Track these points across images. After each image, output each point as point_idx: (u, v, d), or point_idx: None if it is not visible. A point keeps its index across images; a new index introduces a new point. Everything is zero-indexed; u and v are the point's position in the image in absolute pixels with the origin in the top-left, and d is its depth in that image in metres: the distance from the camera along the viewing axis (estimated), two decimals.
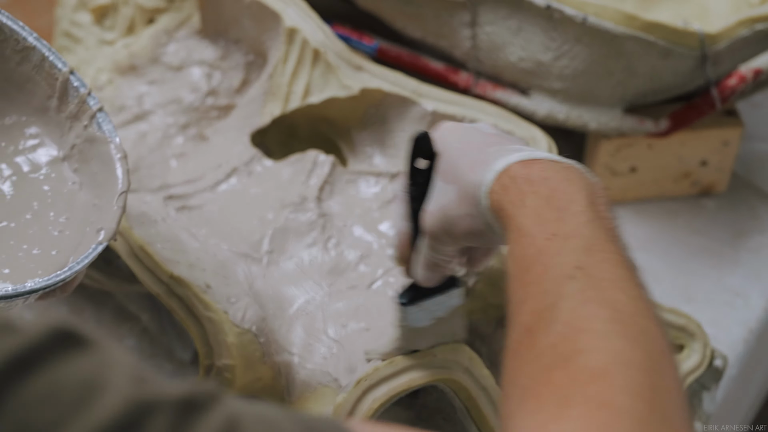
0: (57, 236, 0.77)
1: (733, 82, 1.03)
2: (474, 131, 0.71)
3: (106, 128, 0.78)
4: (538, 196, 0.60)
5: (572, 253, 0.56)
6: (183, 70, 1.05)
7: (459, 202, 0.67)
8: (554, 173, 0.62)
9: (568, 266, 0.55)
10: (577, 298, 0.53)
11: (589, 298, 0.53)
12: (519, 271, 0.58)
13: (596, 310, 0.52)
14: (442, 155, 0.70)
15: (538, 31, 1.01)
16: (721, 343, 1.01)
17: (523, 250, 0.58)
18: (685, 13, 1.09)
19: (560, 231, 0.58)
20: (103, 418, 0.39)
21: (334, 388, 0.80)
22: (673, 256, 1.09)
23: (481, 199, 0.65)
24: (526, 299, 0.55)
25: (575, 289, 0.54)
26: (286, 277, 0.87)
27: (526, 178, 0.62)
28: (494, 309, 0.90)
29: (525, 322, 0.54)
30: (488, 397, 0.80)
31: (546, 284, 0.55)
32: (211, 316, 0.80)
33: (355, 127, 0.99)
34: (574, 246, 0.56)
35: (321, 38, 0.96)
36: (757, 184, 1.16)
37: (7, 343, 0.40)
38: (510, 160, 0.64)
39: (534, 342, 0.52)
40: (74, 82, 0.79)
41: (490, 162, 0.65)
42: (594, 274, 0.55)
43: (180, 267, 0.83)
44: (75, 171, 0.80)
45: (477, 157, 0.67)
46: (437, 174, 0.70)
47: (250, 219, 0.91)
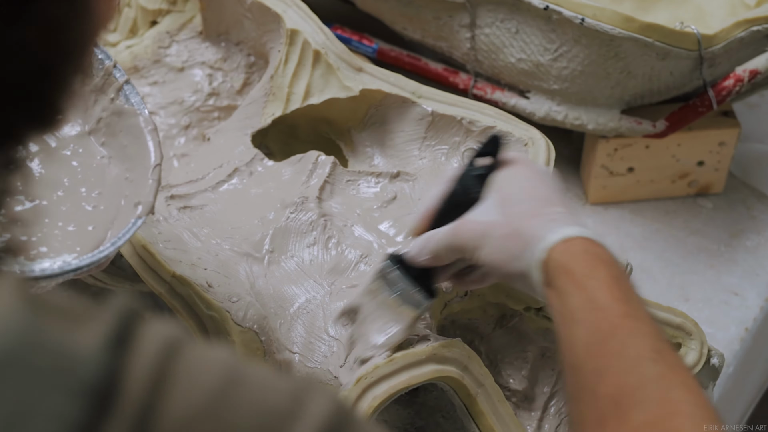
0: (91, 211, 0.75)
1: (729, 84, 1.03)
2: (543, 180, 0.74)
3: (134, 100, 0.77)
4: (608, 273, 0.66)
5: (647, 337, 0.62)
6: (185, 71, 1.05)
7: (505, 236, 0.71)
8: (612, 257, 0.68)
9: (647, 348, 0.61)
10: (663, 381, 0.60)
11: (674, 383, 0.60)
12: (594, 339, 0.63)
13: (683, 394, 0.59)
14: (506, 181, 0.74)
15: (536, 32, 1.02)
16: (718, 341, 1.02)
17: (600, 322, 0.64)
18: (682, 15, 1.10)
19: (631, 312, 0.64)
20: None
21: (335, 386, 0.81)
22: (671, 255, 1.10)
23: (537, 251, 0.68)
24: (606, 371, 0.61)
25: (658, 372, 0.60)
26: (287, 276, 0.88)
27: (593, 254, 0.67)
28: (493, 308, 0.91)
29: (611, 394, 0.60)
30: (487, 395, 0.80)
31: (627, 362, 0.61)
32: (212, 314, 0.81)
33: (355, 128, 0.99)
34: (646, 330, 0.63)
35: (322, 40, 0.97)
36: (753, 185, 1.16)
37: (312, 414, 0.42)
38: (574, 232, 0.68)
39: (627, 417, 0.58)
40: (99, 54, 0.77)
41: (553, 223, 0.69)
42: (669, 359, 0.61)
43: (182, 266, 0.83)
44: (102, 145, 0.78)
45: (540, 209, 0.71)
46: (491, 196, 0.73)
47: (252, 219, 0.91)
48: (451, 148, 0.94)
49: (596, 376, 0.62)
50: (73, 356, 0.39)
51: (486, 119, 0.93)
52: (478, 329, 0.91)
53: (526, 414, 0.88)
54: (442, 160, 0.94)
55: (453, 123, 0.94)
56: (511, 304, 0.89)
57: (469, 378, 0.79)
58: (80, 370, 0.39)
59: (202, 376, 0.41)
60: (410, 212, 0.92)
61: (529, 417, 0.87)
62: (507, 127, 0.92)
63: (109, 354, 0.40)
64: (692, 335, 0.86)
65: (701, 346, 0.86)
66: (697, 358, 0.86)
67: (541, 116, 1.06)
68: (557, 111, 1.06)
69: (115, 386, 0.40)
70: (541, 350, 0.89)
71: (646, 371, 0.60)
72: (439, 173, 0.94)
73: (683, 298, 1.06)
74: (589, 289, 0.65)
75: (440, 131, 0.95)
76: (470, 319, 0.91)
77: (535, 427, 0.87)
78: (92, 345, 0.40)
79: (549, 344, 0.89)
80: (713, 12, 1.10)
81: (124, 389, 0.40)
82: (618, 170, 1.11)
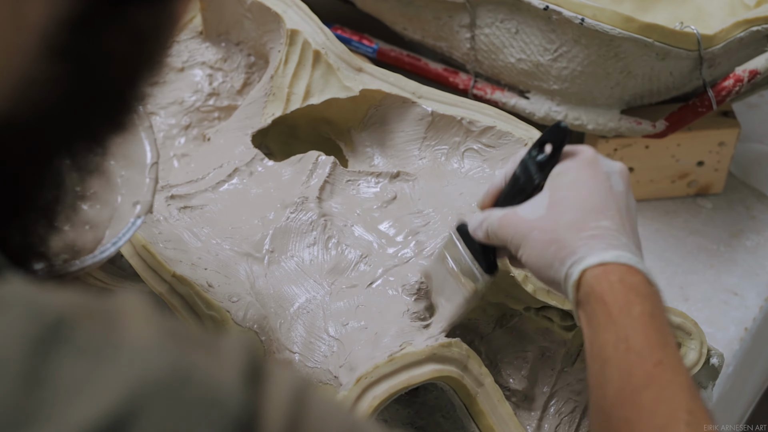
0: (86, 210, 0.76)
1: (729, 84, 1.03)
2: (606, 186, 0.71)
3: None
4: (642, 310, 0.64)
5: (681, 392, 0.61)
6: (185, 71, 1.05)
7: (545, 244, 0.69)
8: (652, 292, 0.66)
9: (681, 408, 0.60)
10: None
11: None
12: (625, 386, 0.62)
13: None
14: (567, 179, 0.71)
15: (536, 32, 1.02)
16: (717, 341, 1.02)
17: (631, 367, 0.62)
18: (681, 15, 1.10)
19: (665, 360, 0.62)
20: None
21: (335, 386, 0.81)
22: (671, 255, 1.10)
23: (571, 270, 0.67)
24: (637, 426, 0.60)
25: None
26: (287, 276, 0.88)
27: (631, 287, 0.65)
28: (493, 308, 0.91)
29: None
30: (487, 395, 0.80)
31: (659, 420, 0.60)
32: (213, 314, 0.81)
33: (355, 128, 0.99)
34: (680, 383, 0.61)
35: (322, 40, 0.97)
36: (753, 185, 1.16)
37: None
38: (613, 257, 0.66)
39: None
40: None
41: (597, 240, 0.67)
42: (701, 421, 0.60)
43: (182, 266, 0.83)
44: None
45: (587, 221, 0.68)
46: (548, 191, 0.71)
47: (252, 219, 0.91)
48: (451, 148, 0.94)
49: (626, 428, 0.61)
50: (218, 389, 0.39)
51: (486, 119, 0.93)
52: (478, 329, 0.91)
53: (526, 414, 0.88)
54: (442, 160, 0.95)
55: (453, 123, 0.94)
56: (511, 304, 0.89)
57: (468, 378, 0.79)
58: (226, 404, 0.39)
59: (330, 422, 0.42)
60: (410, 212, 0.92)
61: (528, 417, 0.87)
62: (507, 127, 0.92)
63: (248, 390, 0.40)
64: (692, 335, 0.86)
65: (701, 346, 0.86)
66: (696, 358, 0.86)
67: (541, 116, 1.07)
68: (557, 111, 1.06)
69: (256, 422, 0.39)
70: (540, 350, 0.89)
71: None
72: (439, 173, 0.94)
73: (683, 298, 1.06)
74: (622, 328, 0.64)
75: (440, 131, 0.95)
76: (470, 319, 0.91)
77: (535, 427, 0.87)
78: (232, 380, 0.40)
79: (549, 344, 0.89)
80: (713, 12, 1.10)
81: (263, 427, 0.40)
82: None
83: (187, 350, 0.40)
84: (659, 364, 0.62)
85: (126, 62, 0.47)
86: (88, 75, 0.45)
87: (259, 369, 0.41)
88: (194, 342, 0.41)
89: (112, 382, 0.37)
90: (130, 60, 0.47)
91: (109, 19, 0.44)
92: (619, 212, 0.70)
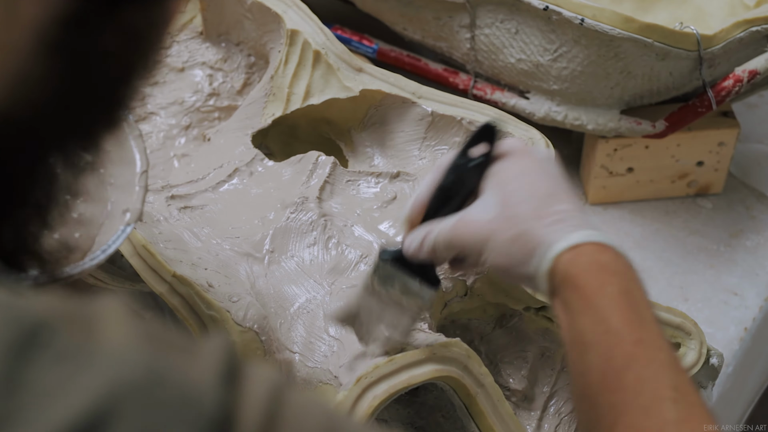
0: (75, 219, 0.76)
1: (728, 84, 1.03)
2: (545, 171, 0.70)
3: None
4: (617, 288, 0.63)
5: (664, 369, 0.59)
6: (185, 71, 1.06)
7: (511, 240, 0.67)
8: (624, 266, 0.64)
9: (665, 386, 0.58)
10: (682, 428, 0.57)
11: (695, 429, 0.57)
12: (607, 369, 0.60)
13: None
14: (506, 174, 0.70)
15: (536, 33, 1.02)
16: (717, 341, 1.02)
17: (612, 349, 0.61)
18: (681, 16, 1.10)
19: (645, 338, 0.61)
20: None
21: (335, 386, 0.81)
22: (670, 255, 1.10)
23: (542, 261, 0.65)
24: (624, 409, 0.58)
25: (678, 416, 0.57)
26: (288, 276, 0.88)
27: (603, 265, 0.64)
28: (493, 308, 0.91)
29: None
30: (487, 395, 0.80)
31: (645, 399, 0.58)
32: (213, 314, 0.81)
33: (355, 128, 0.99)
34: (662, 360, 0.60)
35: (322, 40, 0.97)
36: (752, 185, 1.16)
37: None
38: (580, 238, 0.65)
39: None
40: None
41: (558, 226, 0.66)
42: (688, 398, 0.58)
43: (182, 266, 0.83)
44: None
45: (545, 207, 0.67)
46: (491, 191, 0.70)
47: (252, 219, 0.92)
48: (451, 149, 0.94)
49: (612, 413, 0.59)
50: (193, 389, 0.40)
51: (486, 119, 0.93)
52: (478, 329, 0.91)
53: (526, 414, 0.88)
54: None
55: (453, 123, 0.94)
56: (511, 304, 0.89)
57: (468, 378, 0.79)
58: (201, 404, 0.39)
59: (307, 421, 0.42)
60: None
61: (528, 417, 0.88)
62: (507, 127, 0.92)
63: (224, 389, 0.40)
64: (692, 335, 0.86)
65: (700, 346, 0.86)
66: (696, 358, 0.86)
67: (540, 116, 1.07)
68: (557, 111, 1.06)
69: (231, 422, 0.40)
70: (540, 350, 0.89)
71: (666, 414, 0.57)
72: None
73: (683, 298, 1.06)
74: (599, 309, 0.62)
75: (440, 131, 0.95)
76: (470, 319, 0.91)
77: (535, 427, 0.87)
78: (208, 380, 0.40)
79: (549, 344, 0.89)
80: (713, 12, 1.10)
81: (238, 427, 0.40)
82: (618, 170, 1.11)
83: (163, 352, 0.40)
84: (639, 343, 0.60)
85: (120, 60, 0.47)
86: (83, 73, 0.45)
87: (236, 369, 0.41)
88: (171, 344, 0.41)
89: (88, 384, 0.38)
90: (125, 58, 0.47)
91: (104, 17, 0.45)
92: (568, 193, 0.69)
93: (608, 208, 1.14)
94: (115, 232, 0.73)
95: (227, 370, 0.41)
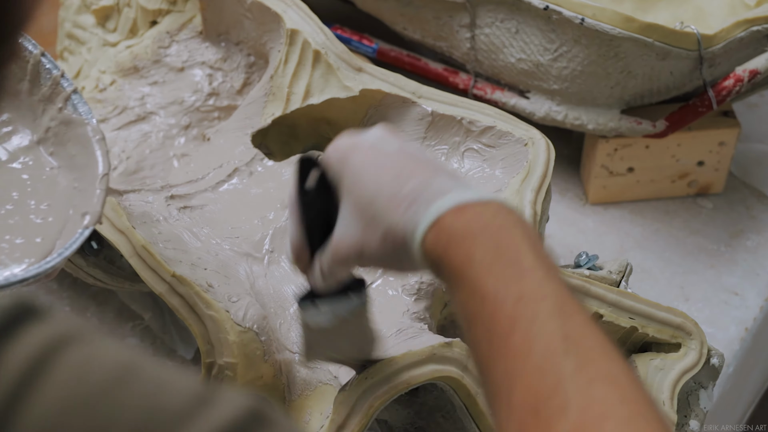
0: (40, 223, 0.76)
1: (729, 84, 1.03)
2: (382, 155, 0.65)
3: (82, 110, 0.78)
4: (484, 250, 0.58)
5: (551, 320, 0.54)
6: (185, 71, 1.05)
7: (381, 242, 0.63)
8: (491, 219, 0.59)
9: (555, 337, 0.54)
10: (580, 378, 0.52)
11: (592, 378, 0.52)
12: (493, 337, 0.56)
13: (605, 391, 0.51)
14: (347, 182, 0.66)
15: (536, 32, 1.02)
16: (717, 341, 1.02)
17: (492, 315, 0.56)
18: (682, 15, 1.10)
19: (525, 292, 0.56)
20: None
21: (334, 386, 0.81)
22: (671, 255, 1.10)
23: (412, 248, 0.62)
24: (516, 374, 0.54)
25: (574, 366, 0.53)
26: (287, 276, 0.88)
27: (465, 231, 0.59)
28: None
29: (527, 402, 0.52)
30: None
31: (536, 359, 0.53)
32: (212, 314, 0.81)
33: (355, 128, 0.99)
34: (548, 310, 0.55)
35: (322, 40, 0.97)
36: (753, 185, 1.16)
37: (211, 417, 0.41)
38: (437, 211, 0.60)
39: (549, 428, 0.51)
40: (46, 64, 0.78)
41: (414, 205, 0.61)
42: (582, 343, 0.54)
43: (182, 266, 0.83)
44: (51, 154, 0.79)
45: (396, 193, 0.63)
46: (344, 203, 0.66)
47: (252, 219, 0.92)
48: (451, 148, 0.94)
49: (507, 381, 0.54)
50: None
51: (486, 119, 0.93)
52: None
53: None
54: (442, 160, 0.95)
55: (453, 123, 0.94)
56: None
57: (469, 378, 0.79)
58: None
59: (87, 372, 0.41)
60: None
61: None
62: (507, 127, 0.92)
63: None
64: (692, 335, 0.86)
65: (701, 346, 0.86)
66: (697, 358, 0.86)
67: (541, 116, 1.07)
68: (557, 111, 1.06)
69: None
70: None
71: (561, 368, 0.52)
72: None
73: (683, 298, 1.06)
74: (471, 280, 0.57)
75: (440, 131, 0.95)
76: None
77: None
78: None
79: None
80: (713, 12, 1.10)
81: None
82: (618, 170, 1.11)
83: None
84: (519, 300, 0.55)
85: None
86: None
87: (12, 323, 0.41)
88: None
89: None
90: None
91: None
92: (415, 161, 0.64)
93: (608, 208, 1.14)
94: (74, 235, 0.73)
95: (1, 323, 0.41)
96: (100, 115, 1.03)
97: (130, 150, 1.01)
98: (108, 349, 0.43)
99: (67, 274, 0.95)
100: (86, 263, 0.89)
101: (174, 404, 0.41)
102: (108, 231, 0.83)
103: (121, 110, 1.03)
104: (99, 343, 0.42)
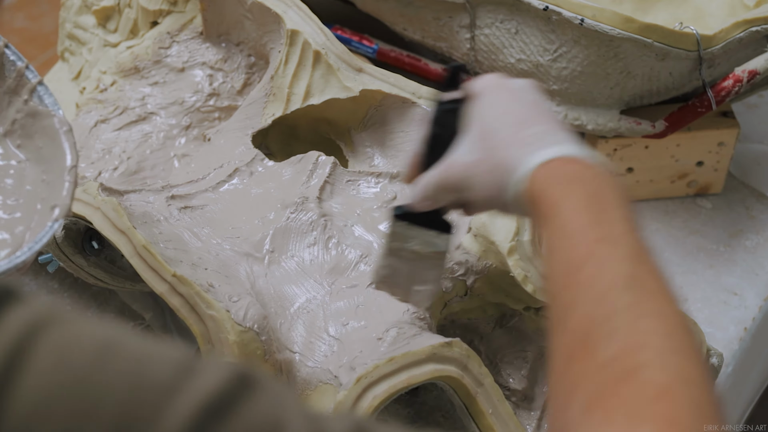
0: (8, 219, 0.76)
1: (728, 84, 1.03)
2: (519, 99, 0.71)
3: (48, 101, 0.77)
4: (580, 195, 0.61)
5: (623, 261, 0.57)
6: (185, 71, 1.06)
7: (489, 173, 0.68)
8: (593, 173, 0.63)
9: (621, 275, 0.56)
10: (634, 311, 0.54)
11: (645, 312, 0.54)
12: (567, 270, 0.59)
13: (654, 324, 0.53)
14: (480, 109, 0.71)
15: (536, 33, 1.02)
16: (717, 341, 1.02)
17: (571, 250, 0.59)
18: (681, 16, 1.10)
19: (607, 235, 0.59)
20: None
21: (335, 385, 0.81)
22: (670, 255, 1.10)
23: (515, 183, 0.66)
24: (577, 302, 0.56)
25: (630, 301, 0.55)
26: (288, 276, 0.88)
27: (569, 176, 0.63)
28: (493, 308, 0.91)
29: (580, 328, 0.55)
30: (486, 395, 0.80)
31: (599, 290, 0.56)
32: (213, 314, 0.81)
33: (355, 128, 1.00)
34: (623, 253, 0.58)
35: (322, 40, 0.97)
36: (752, 185, 1.16)
37: (197, 387, 0.41)
38: (551, 154, 0.65)
39: (594, 352, 0.53)
40: (10, 56, 0.77)
41: (530, 148, 0.66)
42: (645, 285, 0.56)
43: (182, 266, 0.83)
44: (18, 147, 0.78)
45: (516, 135, 0.68)
46: (469, 129, 0.71)
47: (252, 219, 0.92)
48: None
49: (567, 309, 0.57)
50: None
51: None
52: (478, 329, 0.91)
53: (526, 413, 0.88)
54: None
55: None
56: (511, 304, 0.89)
57: (468, 377, 0.79)
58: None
59: (67, 355, 0.41)
60: None
61: (528, 416, 0.88)
62: None
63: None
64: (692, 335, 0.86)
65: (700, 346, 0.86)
66: None
67: None
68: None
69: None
70: (540, 350, 0.90)
71: (617, 300, 0.55)
72: None
73: (683, 297, 1.06)
74: (561, 216, 0.61)
75: None
76: (470, 318, 0.91)
77: (535, 427, 0.87)
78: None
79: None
80: (712, 12, 1.10)
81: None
82: (617, 170, 1.11)
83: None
84: (600, 241, 0.58)
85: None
86: None
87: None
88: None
89: None
90: None
91: None
92: (546, 115, 0.70)
93: None
94: (43, 228, 0.72)
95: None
96: (100, 116, 1.04)
97: (131, 150, 1.01)
98: (87, 328, 0.43)
99: (68, 274, 0.95)
100: (87, 263, 0.89)
101: (158, 378, 0.42)
102: (109, 231, 0.83)
103: (122, 111, 1.03)
104: (77, 323, 0.43)
